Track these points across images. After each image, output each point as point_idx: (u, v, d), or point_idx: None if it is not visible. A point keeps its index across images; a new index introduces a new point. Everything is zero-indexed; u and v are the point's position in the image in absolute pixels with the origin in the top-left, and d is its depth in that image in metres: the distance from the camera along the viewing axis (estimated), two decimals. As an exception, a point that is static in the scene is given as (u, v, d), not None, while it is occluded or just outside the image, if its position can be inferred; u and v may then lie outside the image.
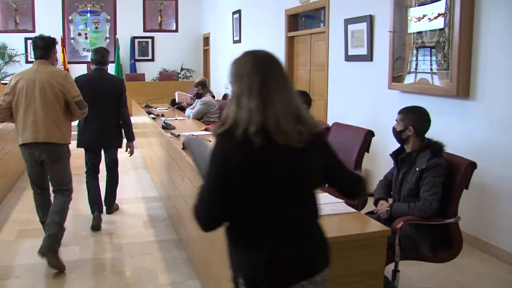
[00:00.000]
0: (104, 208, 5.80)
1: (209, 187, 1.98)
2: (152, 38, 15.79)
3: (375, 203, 3.63)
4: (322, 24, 8.04)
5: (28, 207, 6.07)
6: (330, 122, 5.80)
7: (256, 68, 1.99)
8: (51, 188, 4.71)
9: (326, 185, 2.54)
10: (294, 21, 8.80)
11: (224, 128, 1.96)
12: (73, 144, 4.91)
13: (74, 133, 5.01)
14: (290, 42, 8.83)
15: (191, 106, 8.45)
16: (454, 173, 3.32)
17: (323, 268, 2.10)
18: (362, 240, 2.71)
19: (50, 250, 4.25)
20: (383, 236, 2.75)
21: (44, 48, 4.63)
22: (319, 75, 7.84)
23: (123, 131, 5.75)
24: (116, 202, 6.09)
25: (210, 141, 5.52)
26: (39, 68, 4.51)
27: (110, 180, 5.89)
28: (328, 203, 3.16)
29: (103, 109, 5.39)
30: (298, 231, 2.03)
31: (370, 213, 3.52)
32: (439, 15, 4.99)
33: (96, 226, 5.34)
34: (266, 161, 1.94)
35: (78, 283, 4.11)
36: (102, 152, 5.78)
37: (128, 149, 5.90)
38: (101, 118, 5.40)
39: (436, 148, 3.37)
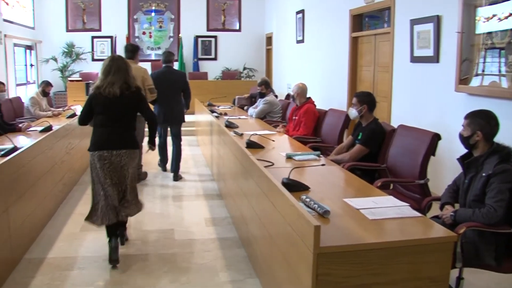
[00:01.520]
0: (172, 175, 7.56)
1: None
2: (215, 37, 15.94)
3: (441, 208, 3.55)
4: (386, 25, 7.93)
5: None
6: (393, 124, 5.71)
7: None
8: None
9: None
10: (358, 21, 8.71)
11: None
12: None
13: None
14: (354, 43, 8.74)
15: (254, 105, 8.49)
16: (523, 180, 3.21)
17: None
18: (426, 245, 2.66)
19: None
20: (448, 242, 2.70)
21: (131, 51, 6.89)
22: (383, 76, 7.74)
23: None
24: (179, 199, 6.39)
25: (273, 140, 5.59)
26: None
27: (176, 151, 7.60)
28: (393, 206, 3.13)
29: (169, 95, 7.23)
30: None
31: (435, 218, 3.44)
32: (510, 14, 4.84)
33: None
34: None
35: (139, 278, 4.19)
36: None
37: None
38: (168, 101, 7.27)
39: (504, 153, 3.27)
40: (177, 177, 7.53)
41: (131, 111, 4.52)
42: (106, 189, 4.37)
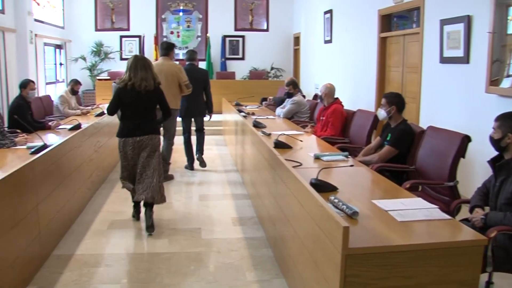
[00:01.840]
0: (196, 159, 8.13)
1: None
2: (243, 37, 15.96)
3: (471, 211, 3.50)
4: (414, 25, 7.86)
5: (120, 199, 6.34)
6: (422, 125, 5.66)
7: None
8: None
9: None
10: (387, 21, 8.65)
11: None
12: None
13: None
14: (382, 43, 8.68)
15: (282, 105, 8.49)
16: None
17: None
18: (455, 248, 2.64)
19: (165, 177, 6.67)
20: (478, 246, 2.67)
21: (167, 49, 7.27)
22: (411, 77, 7.67)
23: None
24: (206, 198, 6.52)
25: (301, 140, 5.58)
26: (164, 62, 7.18)
27: (199, 141, 8.17)
28: (422, 208, 3.11)
29: (194, 90, 7.41)
30: None
31: (465, 221, 3.40)
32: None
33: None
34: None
35: (166, 275, 4.22)
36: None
37: (209, 117, 8.28)
38: (192, 96, 7.52)
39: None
40: (203, 162, 8.10)
41: (154, 104, 5.33)
42: (129, 166, 5.29)
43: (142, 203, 5.33)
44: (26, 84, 6.92)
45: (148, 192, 5.14)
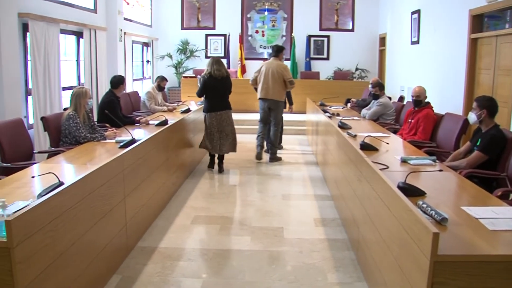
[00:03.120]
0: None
1: None
2: (328, 37, 15.88)
3: None
4: (507, 25, 7.56)
5: (203, 195, 6.50)
6: (515, 131, 5.45)
7: None
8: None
9: None
10: (478, 21, 8.36)
11: None
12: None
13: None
14: (473, 44, 8.40)
15: (367, 107, 8.41)
16: None
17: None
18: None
19: (274, 158, 8.74)
20: None
21: (277, 51, 8.80)
22: (503, 80, 7.39)
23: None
24: (289, 198, 6.60)
25: (387, 143, 5.51)
26: (273, 61, 8.71)
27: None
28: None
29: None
30: None
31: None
32: None
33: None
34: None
35: (248, 272, 4.28)
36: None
37: (290, 110, 9.79)
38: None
39: None
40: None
41: (227, 89, 7.79)
42: (212, 134, 7.77)
43: (216, 156, 8.01)
44: (122, 82, 7.21)
45: (224, 148, 7.81)
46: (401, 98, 10.03)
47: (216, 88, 7.61)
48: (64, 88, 8.84)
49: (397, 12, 13.05)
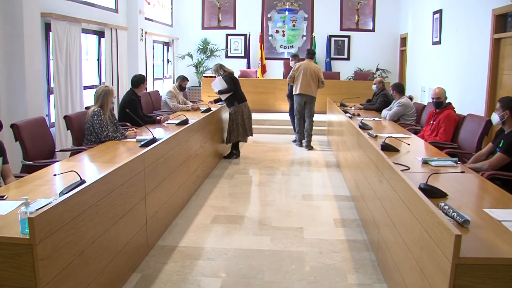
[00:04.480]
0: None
1: None
2: (348, 37, 15.79)
3: None
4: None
5: (223, 194, 6.51)
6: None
7: None
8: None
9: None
10: (502, 21, 8.27)
11: None
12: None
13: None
14: (496, 44, 8.31)
15: (388, 108, 8.37)
16: None
17: None
18: None
19: (308, 145, 10.06)
20: None
21: (312, 54, 10.21)
22: (527, 81, 7.32)
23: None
24: (309, 198, 6.59)
25: (408, 144, 5.47)
26: (309, 63, 9.96)
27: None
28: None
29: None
30: None
31: None
32: None
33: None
34: None
35: (268, 272, 4.28)
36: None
37: None
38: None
39: None
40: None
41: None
42: (243, 121, 8.81)
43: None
44: (142, 81, 7.26)
45: (251, 130, 9.09)
46: (410, 98, 9.96)
47: (239, 83, 8.93)
48: (85, 87, 8.91)
49: (419, 12, 12.95)
